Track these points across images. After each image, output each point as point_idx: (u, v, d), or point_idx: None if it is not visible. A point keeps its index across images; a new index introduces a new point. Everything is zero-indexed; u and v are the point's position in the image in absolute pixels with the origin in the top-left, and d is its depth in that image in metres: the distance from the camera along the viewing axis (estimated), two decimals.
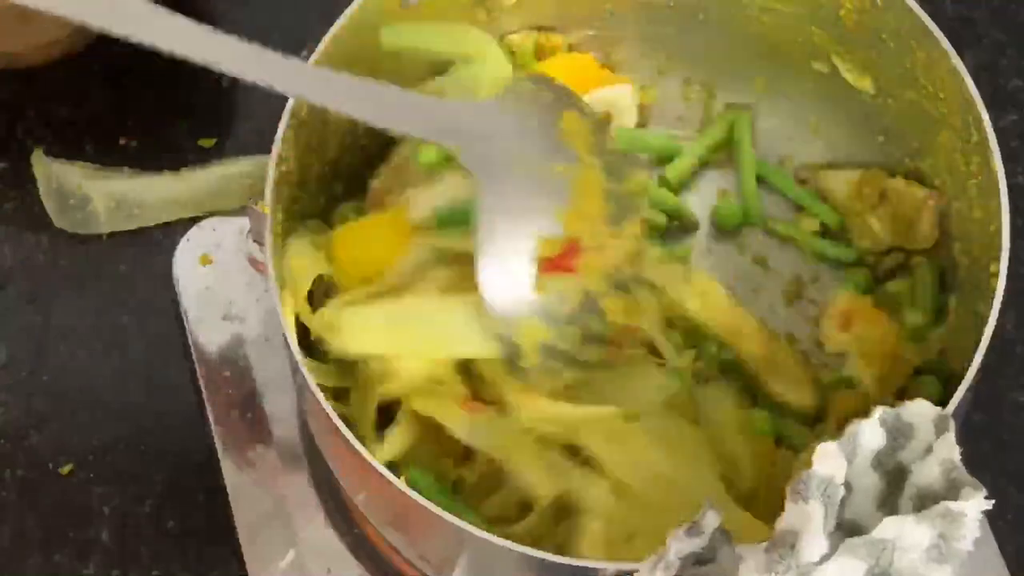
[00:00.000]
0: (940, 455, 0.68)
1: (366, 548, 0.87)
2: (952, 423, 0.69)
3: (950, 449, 0.68)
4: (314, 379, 0.76)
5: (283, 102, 0.81)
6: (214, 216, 0.95)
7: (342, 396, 0.82)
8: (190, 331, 0.92)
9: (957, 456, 0.68)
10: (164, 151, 0.99)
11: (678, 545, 0.68)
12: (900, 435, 0.69)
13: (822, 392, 0.86)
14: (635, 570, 0.69)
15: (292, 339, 0.78)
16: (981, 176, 0.82)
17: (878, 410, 0.69)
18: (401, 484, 0.74)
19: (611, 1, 0.91)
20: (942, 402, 0.72)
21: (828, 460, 0.67)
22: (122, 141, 0.99)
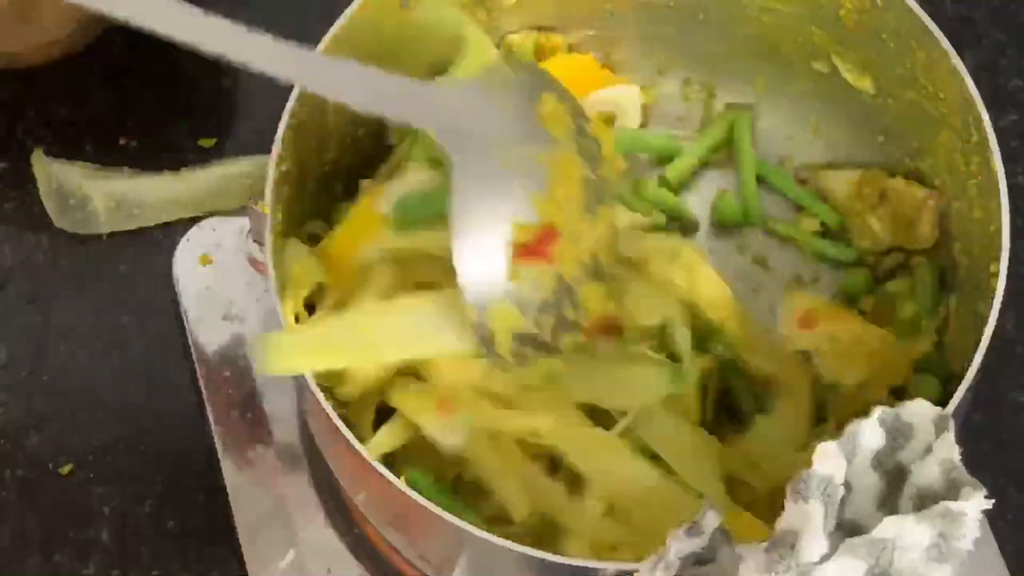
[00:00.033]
0: (940, 455, 0.68)
1: (366, 548, 0.87)
2: (952, 423, 0.69)
3: (950, 449, 0.68)
4: (314, 379, 0.76)
5: (283, 102, 0.81)
6: (214, 216, 0.95)
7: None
8: (190, 331, 0.92)
9: (957, 456, 0.68)
10: (164, 151, 0.99)
11: (678, 545, 0.68)
12: (900, 435, 0.69)
13: (823, 392, 0.86)
14: (635, 570, 0.69)
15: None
16: (981, 176, 0.82)
17: (877, 410, 0.69)
18: (401, 484, 0.74)
19: (611, 1, 0.91)
20: (942, 402, 0.72)
21: (828, 459, 0.67)
22: (122, 141, 0.99)
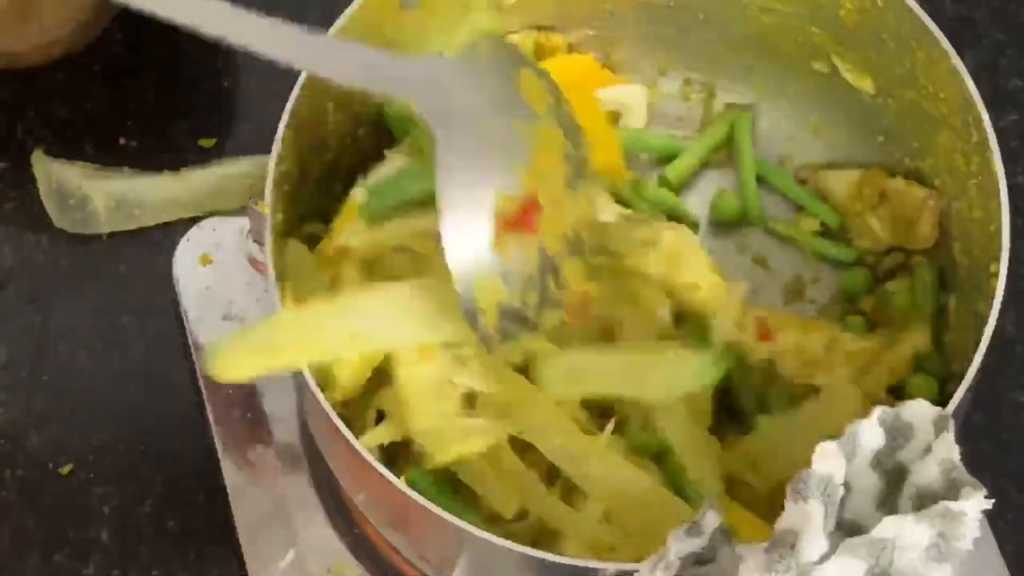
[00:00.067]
0: (939, 455, 0.68)
1: (366, 548, 0.87)
2: (951, 423, 0.69)
3: (949, 449, 0.68)
4: (314, 379, 0.76)
5: (283, 102, 0.81)
6: (214, 216, 0.95)
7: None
8: (190, 331, 0.92)
9: (956, 456, 0.68)
10: (164, 151, 0.99)
11: (678, 545, 0.68)
12: (899, 435, 0.69)
13: None
14: (635, 570, 0.69)
15: None
16: (981, 176, 0.82)
17: (877, 410, 0.69)
18: (401, 484, 0.74)
19: (611, 1, 0.91)
20: (941, 402, 0.72)
21: (827, 459, 0.67)
22: (122, 141, 0.99)
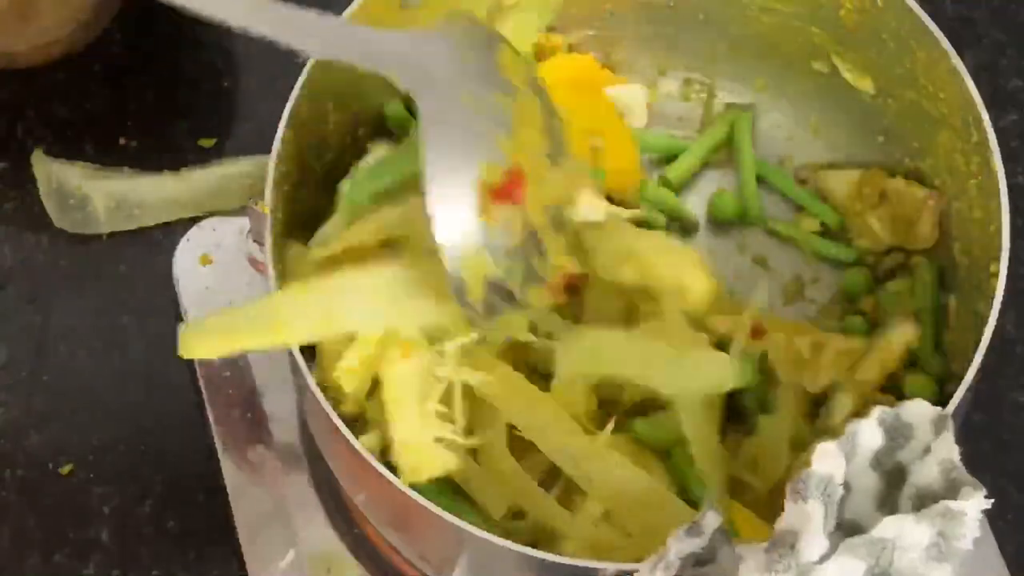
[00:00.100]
0: (939, 455, 0.68)
1: (366, 548, 0.87)
2: (951, 422, 0.69)
3: (949, 449, 0.68)
4: (314, 379, 0.76)
5: (283, 102, 0.81)
6: (214, 216, 0.95)
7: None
8: None
9: (956, 455, 0.68)
10: (164, 151, 0.99)
11: (678, 545, 0.68)
12: (899, 435, 0.69)
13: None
14: (635, 570, 0.69)
15: None
16: (981, 176, 0.82)
17: (876, 410, 0.69)
18: (401, 484, 0.74)
19: (611, 1, 0.91)
20: (940, 402, 0.72)
21: (827, 459, 0.67)
22: (122, 141, 0.99)
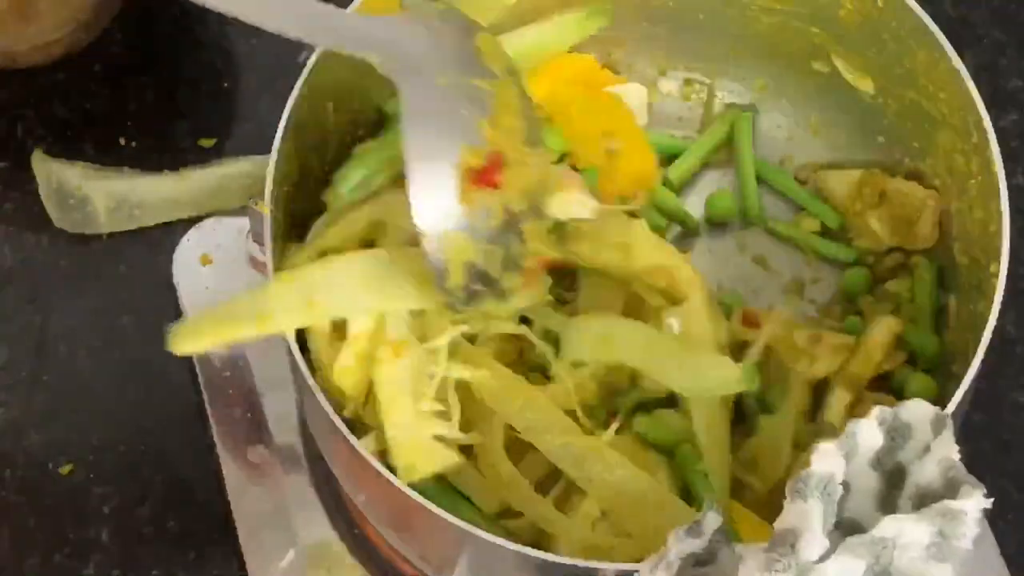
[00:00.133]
0: (938, 454, 0.68)
1: (366, 548, 0.87)
2: (950, 422, 0.69)
3: (948, 448, 0.68)
4: (314, 380, 0.76)
5: (283, 102, 0.81)
6: (214, 216, 0.95)
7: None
8: None
9: (956, 455, 0.68)
10: (164, 151, 0.99)
11: (678, 545, 0.68)
12: (898, 434, 0.69)
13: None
14: (635, 570, 0.69)
15: (292, 339, 0.78)
16: (981, 176, 0.82)
17: (876, 409, 0.69)
18: (401, 484, 0.74)
19: (611, 1, 0.91)
20: (940, 402, 0.72)
21: (827, 458, 0.67)
22: (122, 141, 0.99)
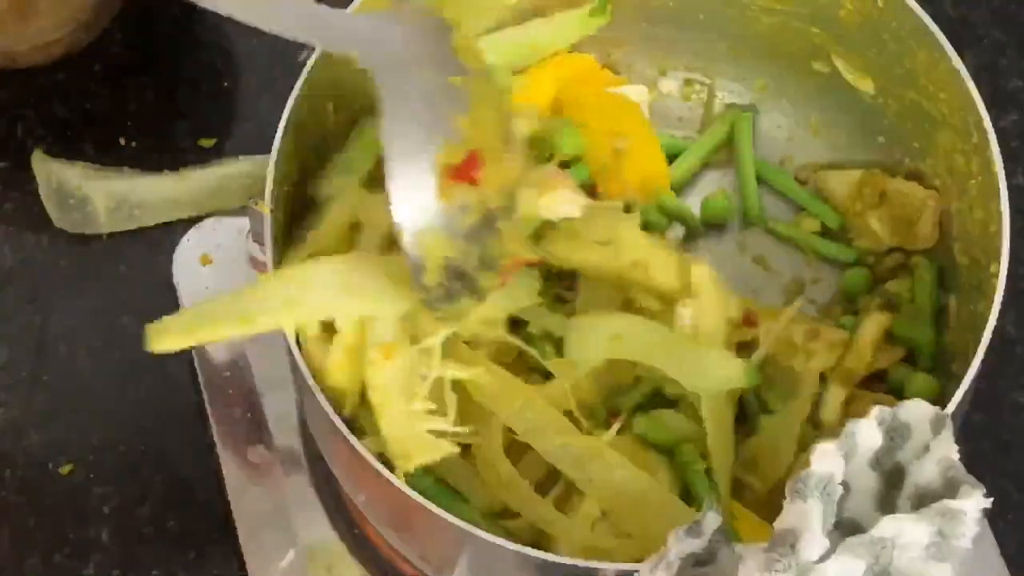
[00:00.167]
0: (938, 454, 0.68)
1: (366, 548, 0.87)
2: (949, 422, 0.69)
3: (948, 448, 0.68)
4: (314, 380, 0.76)
5: (283, 102, 0.81)
6: (214, 216, 0.95)
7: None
8: None
9: (955, 455, 0.68)
10: (164, 151, 0.99)
11: (678, 546, 0.68)
12: (898, 434, 0.69)
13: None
14: (635, 570, 0.69)
15: (292, 339, 0.78)
16: (981, 176, 0.82)
17: (875, 409, 0.69)
18: (401, 484, 0.74)
19: (611, 1, 0.91)
20: (939, 402, 0.72)
21: (826, 458, 0.67)
22: (122, 141, 0.99)
